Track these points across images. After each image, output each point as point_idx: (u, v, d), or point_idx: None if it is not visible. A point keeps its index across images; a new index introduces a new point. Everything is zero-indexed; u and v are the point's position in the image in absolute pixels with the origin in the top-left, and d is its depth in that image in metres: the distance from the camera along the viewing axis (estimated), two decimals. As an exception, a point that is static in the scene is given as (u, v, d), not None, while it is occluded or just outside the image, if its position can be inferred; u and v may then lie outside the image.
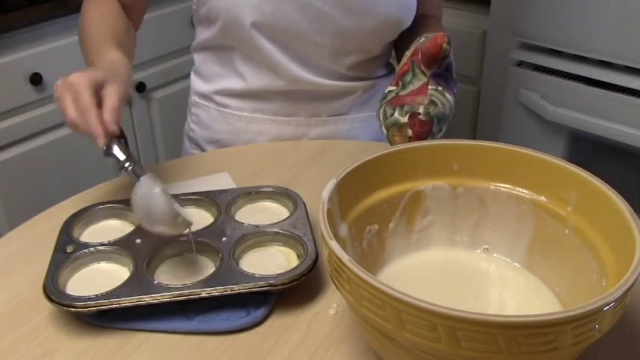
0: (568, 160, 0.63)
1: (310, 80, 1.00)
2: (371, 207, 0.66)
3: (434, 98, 0.79)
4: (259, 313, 0.67)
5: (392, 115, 0.79)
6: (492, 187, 0.68)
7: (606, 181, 0.60)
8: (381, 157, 0.66)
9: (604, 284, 0.56)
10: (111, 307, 0.64)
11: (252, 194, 0.82)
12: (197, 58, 1.07)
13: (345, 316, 0.67)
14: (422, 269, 0.68)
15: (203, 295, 0.65)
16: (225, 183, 0.90)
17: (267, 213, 0.80)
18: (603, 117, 1.34)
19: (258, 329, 0.66)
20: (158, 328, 0.66)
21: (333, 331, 0.66)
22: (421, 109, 0.78)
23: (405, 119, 0.78)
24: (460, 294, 0.66)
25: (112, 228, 0.77)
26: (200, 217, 0.79)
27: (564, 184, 0.63)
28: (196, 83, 1.09)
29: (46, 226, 0.81)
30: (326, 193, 0.59)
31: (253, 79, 1.01)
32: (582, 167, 0.62)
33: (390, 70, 1.13)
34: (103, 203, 0.80)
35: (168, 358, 0.63)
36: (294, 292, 0.69)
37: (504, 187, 0.68)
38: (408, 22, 1.02)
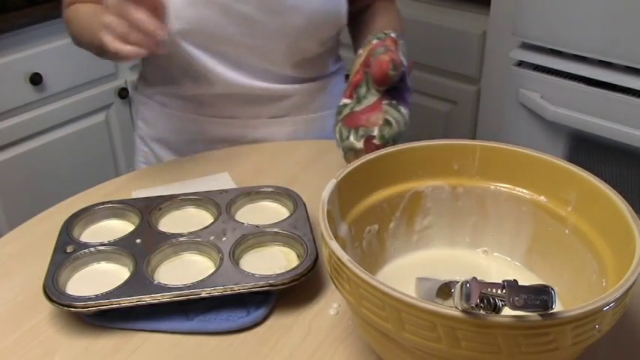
0: (568, 160, 0.63)
1: (245, 84, 0.98)
2: (371, 207, 0.66)
3: (388, 117, 0.80)
4: (259, 313, 0.67)
5: (347, 137, 0.81)
6: (492, 187, 0.68)
7: (606, 181, 0.60)
8: (381, 157, 0.66)
9: (604, 284, 0.56)
10: (111, 307, 0.64)
11: (252, 194, 0.82)
12: (141, 60, 1.07)
13: (345, 316, 0.67)
14: (422, 269, 0.68)
15: (203, 295, 0.65)
16: (225, 183, 0.90)
17: (267, 213, 0.80)
18: (603, 117, 1.34)
19: (258, 329, 0.66)
20: (158, 328, 0.66)
21: (333, 331, 0.66)
22: (376, 132, 0.79)
23: (360, 145, 0.80)
24: (460, 294, 0.66)
25: (112, 228, 0.77)
26: (200, 217, 0.79)
27: (564, 184, 0.63)
28: (140, 81, 1.09)
29: (46, 226, 0.81)
30: (326, 193, 0.59)
31: (189, 86, 1.00)
32: (582, 167, 0.62)
33: (341, 66, 1.11)
34: (103, 203, 0.80)
35: (168, 358, 0.63)
36: (294, 292, 0.69)
37: (504, 187, 0.68)
38: (341, 16, 0.98)
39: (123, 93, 1.78)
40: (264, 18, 0.93)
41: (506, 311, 0.45)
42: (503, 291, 0.44)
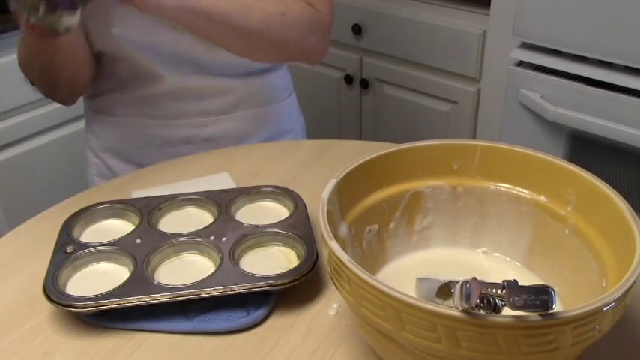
0: (568, 160, 0.63)
1: (192, 78, 0.98)
2: (371, 207, 0.66)
3: None
4: (259, 313, 0.67)
5: None
6: (492, 187, 0.68)
7: (606, 181, 0.60)
8: (381, 157, 0.66)
9: (604, 284, 0.56)
10: (111, 307, 0.64)
11: (252, 194, 0.82)
12: None
13: (345, 316, 0.67)
14: (422, 269, 0.68)
15: (203, 295, 0.65)
16: (225, 183, 0.90)
17: (267, 213, 0.80)
18: (603, 117, 1.34)
19: (258, 329, 0.66)
20: (158, 328, 0.66)
21: (333, 331, 0.66)
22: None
23: None
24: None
25: (112, 228, 0.77)
26: (200, 217, 0.79)
27: (564, 184, 0.63)
28: (85, 93, 1.08)
29: (46, 226, 0.81)
30: (326, 193, 0.59)
31: (138, 87, 0.99)
32: (582, 167, 0.62)
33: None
34: (103, 203, 0.80)
35: (168, 358, 0.63)
36: (294, 292, 0.69)
37: (504, 187, 0.68)
38: None
39: (123, 93, 1.77)
40: None
41: (507, 311, 0.45)
42: (503, 291, 0.44)
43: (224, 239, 0.73)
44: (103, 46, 0.96)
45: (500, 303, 0.45)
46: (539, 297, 0.44)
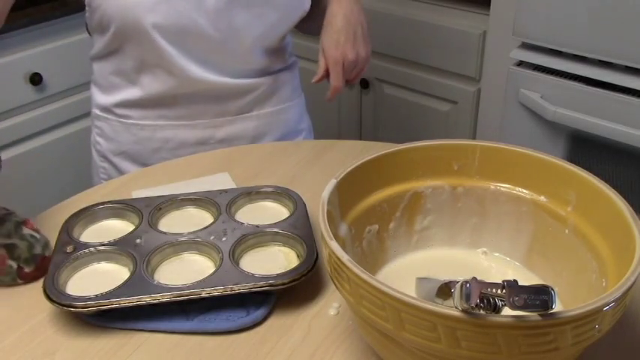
0: (568, 160, 0.63)
1: (211, 80, 0.99)
2: (371, 207, 0.66)
3: None
4: (259, 313, 0.67)
5: None
6: (492, 187, 0.68)
7: (606, 181, 0.60)
8: (381, 157, 0.66)
9: (604, 284, 0.56)
10: (111, 307, 0.64)
11: (252, 194, 0.82)
12: (95, 68, 1.05)
13: (345, 316, 0.67)
14: (422, 269, 0.68)
15: (203, 295, 0.65)
16: (225, 183, 0.90)
17: (267, 213, 0.80)
18: (603, 117, 1.34)
19: (258, 329, 0.66)
20: (158, 328, 0.66)
21: (333, 331, 0.66)
22: None
23: None
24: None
25: (112, 228, 0.77)
26: (200, 217, 0.79)
27: (564, 184, 0.63)
28: (96, 95, 1.06)
29: (46, 226, 0.81)
30: (326, 193, 0.60)
31: (150, 85, 0.99)
32: (582, 167, 0.62)
33: (294, 60, 1.12)
34: (103, 203, 0.80)
35: (168, 358, 0.63)
36: (294, 292, 0.69)
37: (504, 187, 0.68)
38: (307, 6, 1.01)
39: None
40: (238, 13, 0.94)
41: (507, 311, 0.45)
42: (503, 291, 0.44)
43: (224, 239, 0.73)
44: (130, 41, 0.96)
45: (500, 303, 0.45)
46: (539, 297, 0.44)
